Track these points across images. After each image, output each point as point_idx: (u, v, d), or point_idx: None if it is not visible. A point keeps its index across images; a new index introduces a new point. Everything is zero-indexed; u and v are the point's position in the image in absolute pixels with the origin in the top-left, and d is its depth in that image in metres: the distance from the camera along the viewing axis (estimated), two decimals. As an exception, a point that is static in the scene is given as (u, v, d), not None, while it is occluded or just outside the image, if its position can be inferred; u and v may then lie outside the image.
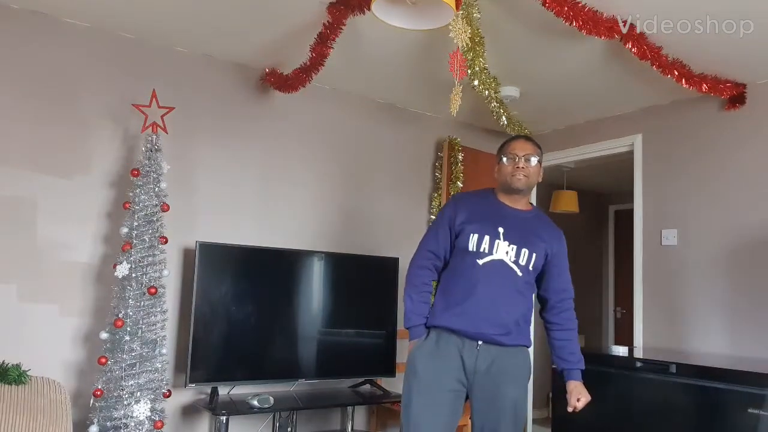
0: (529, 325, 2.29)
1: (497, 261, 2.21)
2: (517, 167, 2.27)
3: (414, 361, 2.24)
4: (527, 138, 2.38)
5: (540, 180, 2.37)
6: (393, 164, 4.16)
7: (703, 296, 3.59)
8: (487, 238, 2.22)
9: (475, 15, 2.56)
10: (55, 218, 2.96)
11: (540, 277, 2.34)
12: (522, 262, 2.22)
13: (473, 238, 2.22)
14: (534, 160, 2.30)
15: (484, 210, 2.30)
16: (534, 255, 2.24)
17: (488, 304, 2.18)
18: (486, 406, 2.19)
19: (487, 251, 2.21)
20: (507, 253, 2.21)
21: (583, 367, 2.32)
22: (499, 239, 2.22)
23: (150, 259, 2.81)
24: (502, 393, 2.19)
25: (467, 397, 2.24)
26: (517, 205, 2.33)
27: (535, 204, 4.62)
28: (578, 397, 2.27)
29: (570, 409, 2.27)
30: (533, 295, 2.35)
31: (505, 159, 2.31)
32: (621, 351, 3.34)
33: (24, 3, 2.89)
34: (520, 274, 2.22)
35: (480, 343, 2.18)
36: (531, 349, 4.62)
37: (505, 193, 2.34)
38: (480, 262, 2.21)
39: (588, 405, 2.30)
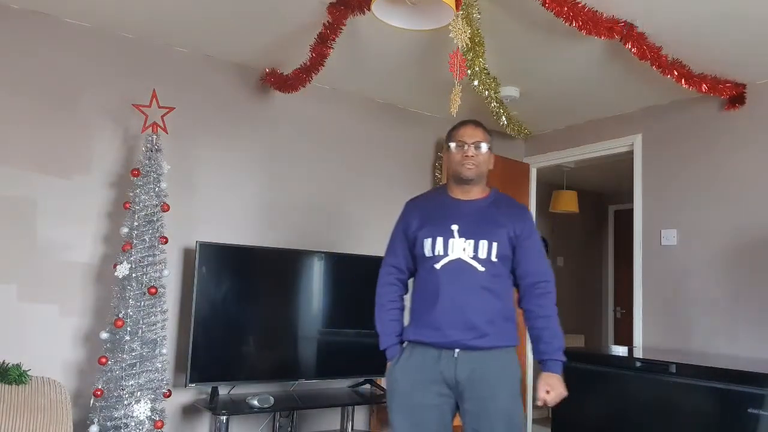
0: (512, 321, 2.13)
1: (455, 261, 2.07)
2: (466, 156, 2.12)
3: (391, 380, 2.13)
4: (476, 123, 2.21)
5: (491, 168, 2.22)
6: (393, 164, 4.16)
7: (702, 296, 3.59)
8: (440, 239, 2.09)
9: (475, 15, 2.57)
10: (55, 218, 2.96)
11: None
12: (482, 255, 2.07)
13: (427, 243, 2.11)
14: (484, 147, 2.15)
15: (436, 211, 2.18)
16: (495, 244, 2.08)
17: (453, 308, 2.05)
18: (475, 418, 2.03)
19: (442, 253, 2.08)
20: (464, 249, 2.07)
21: (561, 358, 2.10)
22: (454, 237, 2.08)
23: (150, 259, 2.81)
24: (490, 402, 2.02)
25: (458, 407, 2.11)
26: (471, 196, 2.19)
27: (534, 199, 4.68)
28: (547, 389, 2.05)
29: (539, 403, 2.07)
30: (510, 288, 2.17)
31: (453, 146, 2.16)
32: (621, 351, 3.35)
33: (24, 3, 2.89)
34: (482, 269, 2.07)
35: (458, 351, 2.04)
36: (530, 348, 4.64)
37: (456, 184, 2.20)
38: (437, 266, 2.08)
39: (588, 405, 2.21)
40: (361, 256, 3.70)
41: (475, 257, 2.07)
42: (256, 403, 3.00)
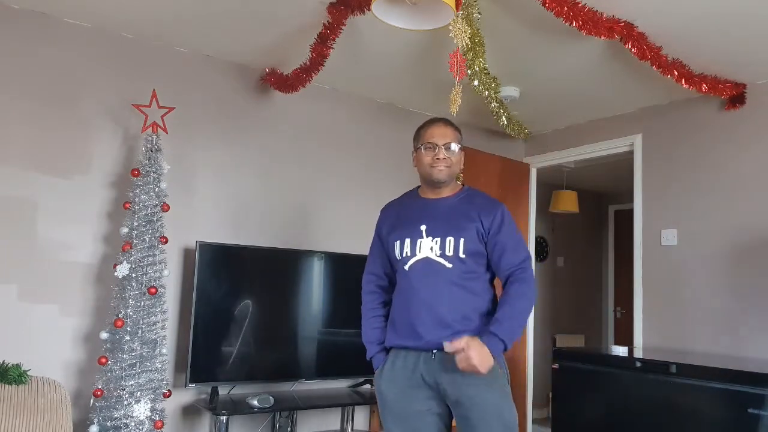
0: (485, 317, 2.03)
1: (422, 260, 2.05)
2: (437, 158, 2.07)
3: (379, 390, 2.09)
4: (446, 122, 2.14)
5: (462, 167, 2.17)
6: (393, 164, 4.16)
7: (702, 296, 3.59)
8: (408, 240, 2.08)
9: (475, 15, 2.57)
10: (55, 218, 2.96)
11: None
12: (449, 252, 2.02)
13: (397, 246, 2.11)
14: (455, 148, 2.10)
15: (406, 213, 2.16)
16: (462, 240, 2.03)
17: (425, 308, 2.01)
18: (466, 421, 1.96)
19: (410, 254, 2.07)
20: (431, 248, 2.04)
21: (503, 338, 1.94)
22: (422, 237, 2.06)
23: (150, 259, 2.81)
24: (479, 401, 1.94)
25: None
26: (442, 195, 2.15)
27: (534, 199, 4.68)
28: (464, 346, 1.86)
29: (450, 348, 1.89)
30: (486, 285, 2.09)
31: (423, 148, 2.10)
32: (621, 351, 3.35)
33: (25, 3, 2.89)
34: (449, 266, 2.02)
35: (435, 352, 1.99)
36: (530, 348, 4.64)
37: (427, 186, 2.17)
38: (406, 267, 2.07)
39: (588, 405, 2.17)
40: (361, 256, 3.68)
41: (443, 255, 2.03)
42: (256, 403, 3.00)
